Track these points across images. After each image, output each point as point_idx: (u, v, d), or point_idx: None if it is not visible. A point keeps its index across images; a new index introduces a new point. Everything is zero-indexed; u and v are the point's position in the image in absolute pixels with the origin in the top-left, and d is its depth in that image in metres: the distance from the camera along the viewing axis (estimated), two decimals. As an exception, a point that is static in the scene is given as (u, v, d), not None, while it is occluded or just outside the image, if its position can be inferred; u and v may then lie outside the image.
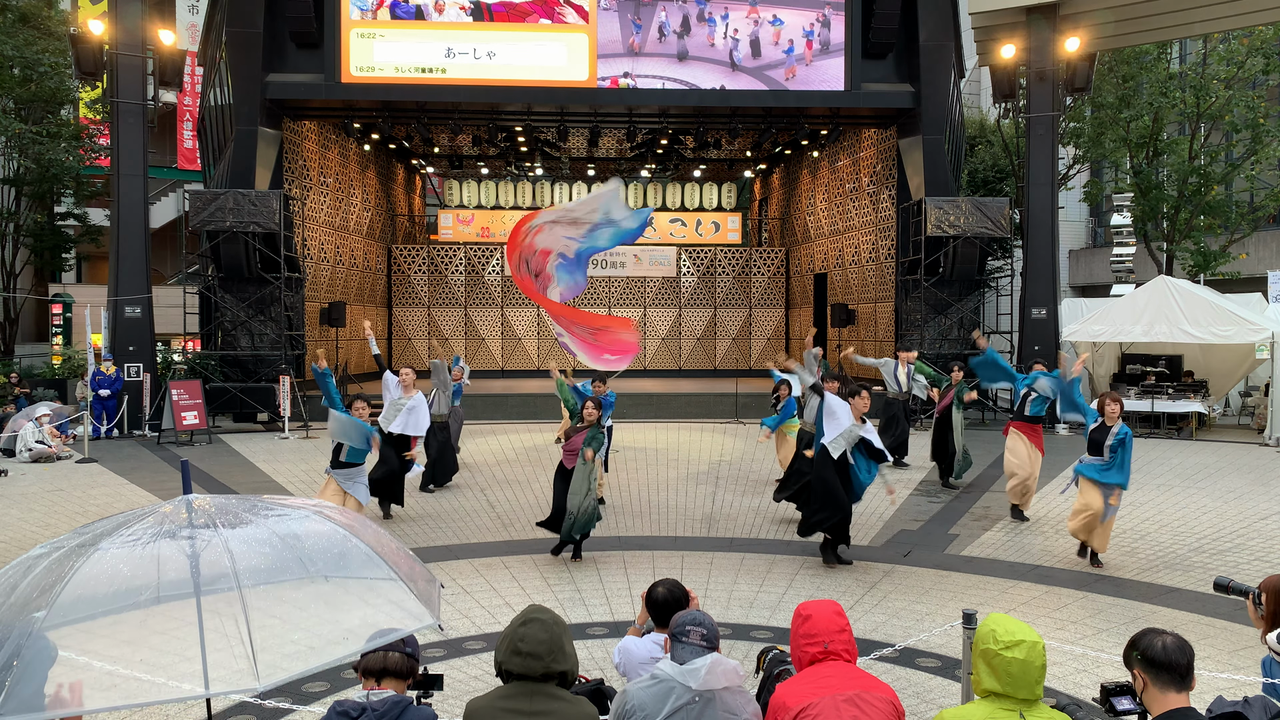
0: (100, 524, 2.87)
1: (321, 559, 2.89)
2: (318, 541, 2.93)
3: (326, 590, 2.89)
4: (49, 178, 24.97)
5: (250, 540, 2.75)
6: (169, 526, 2.77)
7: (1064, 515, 10.42)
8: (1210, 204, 24.54)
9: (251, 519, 2.87)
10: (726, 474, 13.15)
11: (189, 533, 2.74)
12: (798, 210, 27.04)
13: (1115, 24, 18.29)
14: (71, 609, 2.50)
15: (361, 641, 2.82)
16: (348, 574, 2.94)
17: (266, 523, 2.88)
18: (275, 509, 3.02)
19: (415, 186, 30.15)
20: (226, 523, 2.80)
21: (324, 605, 2.86)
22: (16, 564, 2.75)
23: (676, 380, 24.51)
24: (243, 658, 2.53)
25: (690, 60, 19.43)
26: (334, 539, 2.96)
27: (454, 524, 10.20)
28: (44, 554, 2.74)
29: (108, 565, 2.60)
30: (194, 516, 2.82)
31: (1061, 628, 6.77)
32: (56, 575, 2.57)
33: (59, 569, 2.60)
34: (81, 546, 2.68)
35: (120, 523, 2.82)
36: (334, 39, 18.80)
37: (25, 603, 2.54)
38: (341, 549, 2.94)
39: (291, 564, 2.79)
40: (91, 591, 2.55)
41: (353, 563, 2.94)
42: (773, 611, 7.16)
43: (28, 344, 26.88)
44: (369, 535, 3.07)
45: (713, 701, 2.91)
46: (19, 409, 16.16)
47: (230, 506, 2.94)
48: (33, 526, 9.95)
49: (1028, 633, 2.70)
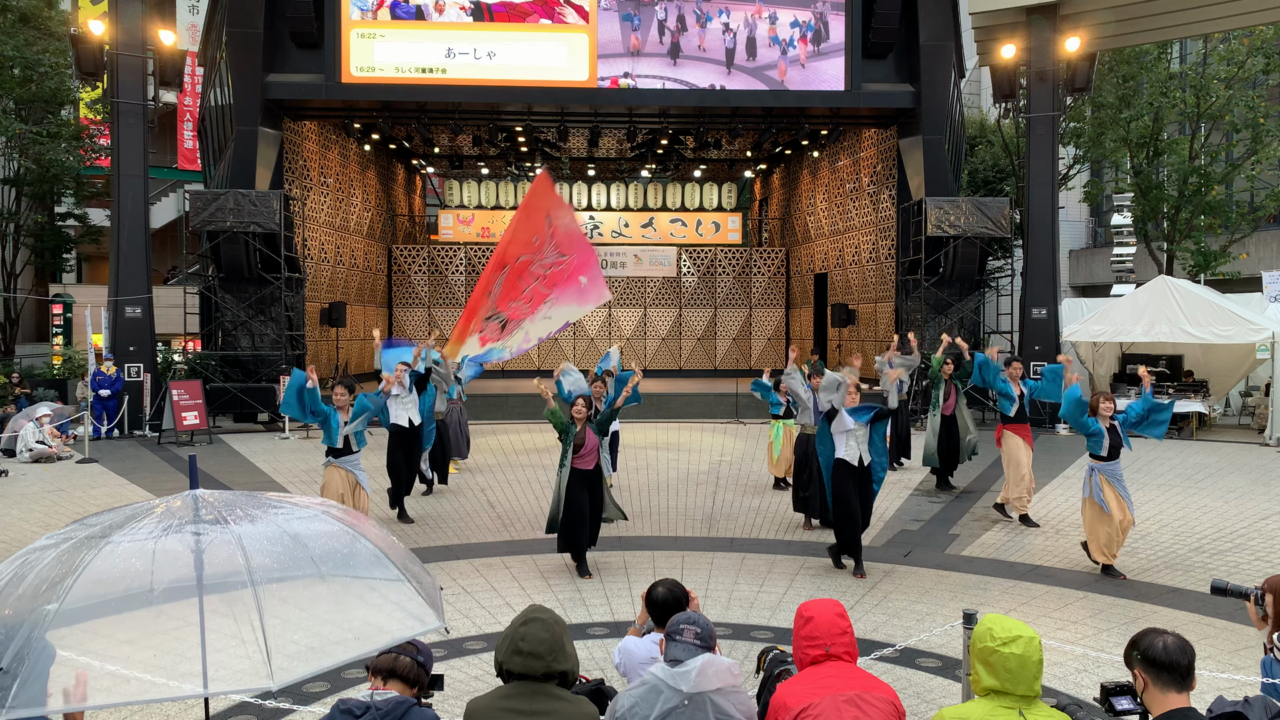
0: (107, 515, 2.85)
1: (331, 559, 2.89)
2: (327, 541, 2.93)
3: (336, 590, 2.88)
4: (49, 178, 24.98)
5: (262, 538, 2.75)
6: (178, 521, 2.76)
7: (1064, 515, 10.43)
8: (1210, 204, 24.54)
9: (261, 516, 2.86)
10: (727, 474, 13.15)
11: (199, 528, 2.73)
12: (798, 210, 27.05)
13: (1115, 24, 18.28)
14: (83, 601, 2.49)
15: (370, 644, 2.82)
16: (356, 574, 2.94)
17: (276, 520, 2.88)
18: (283, 506, 3.02)
19: (415, 186, 30.16)
20: (237, 519, 2.79)
21: (333, 605, 2.86)
22: (21, 555, 2.73)
23: (677, 380, 24.50)
24: (258, 657, 2.53)
25: (690, 60, 19.42)
26: (342, 539, 2.96)
27: (454, 524, 10.20)
28: (51, 545, 2.72)
29: (119, 559, 2.59)
30: (203, 512, 2.82)
31: (1062, 628, 6.77)
32: (67, 567, 2.55)
33: (69, 561, 2.58)
34: (91, 539, 2.66)
35: (129, 515, 2.80)
36: (334, 39, 18.81)
37: (34, 594, 2.52)
38: (350, 549, 2.94)
39: (303, 563, 2.79)
40: (102, 585, 2.54)
41: (361, 563, 2.94)
42: (773, 612, 7.16)
43: (28, 344, 26.88)
44: (375, 535, 3.07)
45: (704, 705, 2.89)
46: (19, 409, 16.16)
47: (239, 503, 2.93)
48: (33, 526, 9.96)
49: (1024, 629, 2.73)
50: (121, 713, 5.36)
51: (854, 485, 8.13)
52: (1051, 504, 11.07)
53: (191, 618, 2.57)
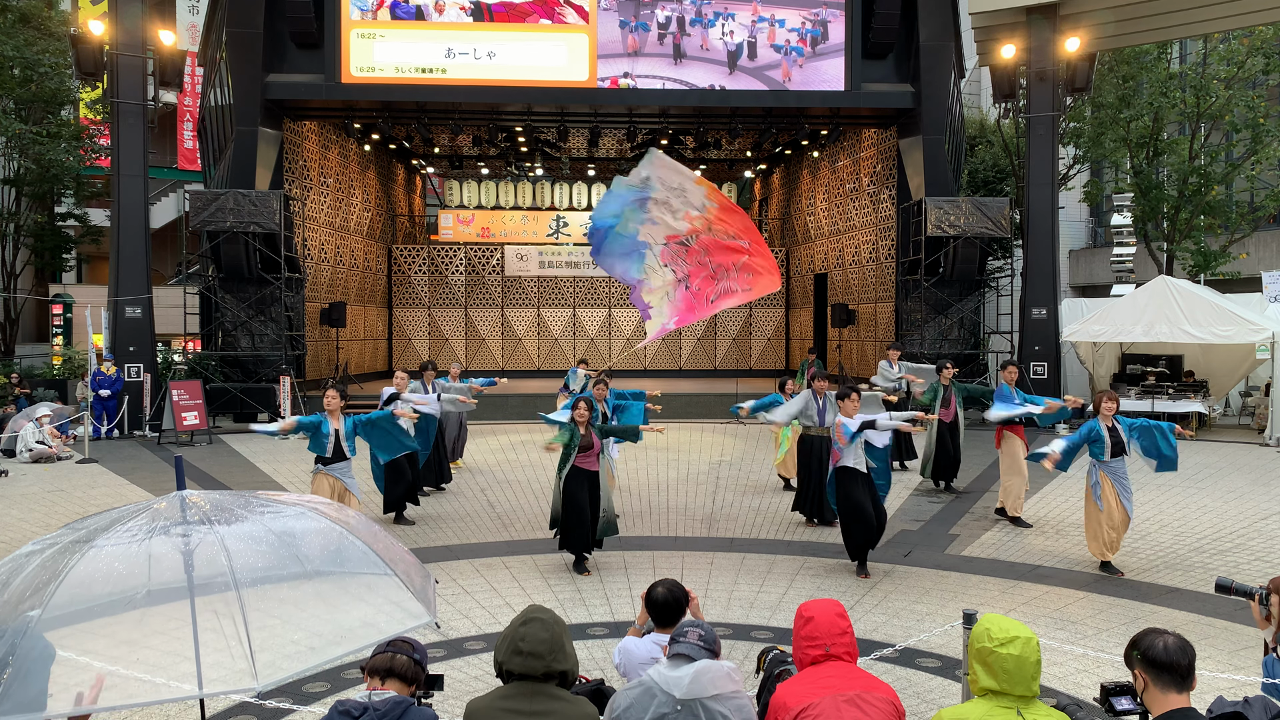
0: (94, 519, 2.83)
1: (318, 556, 2.86)
2: (314, 539, 2.91)
3: (324, 588, 2.87)
4: (49, 178, 24.97)
5: (246, 537, 2.72)
6: (164, 523, 2.73)
7: (1064, 515, 10.43)
8: (1210, 204, 24.54)
9: (247, 515, 2.83)
10: (727, 474, 13.15)
11: (185, 529, 2.70)
12: (798, 210, 27.04)
13: (1115, 24, 18.29)
14: (67, 607, 2.47)
15: (360, 641, 2.80)
16: (345, 571, 2.92)
17: (262, 519, 2.85)
18: (270, 505, 2.99)
19: (415, 187, 30.15)
20: (222, 519, 2.76)
21: (322, 604, 2.84)
22: (8, 560, 2.71)
23: (677, 380, 24.51)
24: (241, 657, 2.51)
25: (690, 61, 19.43)
26: (330, 536, 2.93)
27: (454, 524, 10.20)
28: (37, 550, 2.70)
29: (103, 563, 2.57)
30: (189, 513, 2.79)
31: (1062, 628, 6.77)
32: (51, 573, 2.53)
33: (53, 566, 2.56)
34: (76, 543, 2.64)
35: (115, 519, 2.78)
36: (334, 39, 18.81)
37: (19, 600, 2.50)
38: (338, 546, 2.92)
39: (288, 561, 2.76)
40: (86, 589, 2.52)
41: (349, 560, 2.92)
42: (773, 612, 7.16)
43: (28, 344, 26.88)
44: (364, 532, 3.05)
45: (696, 711, 2.88)
46: (19, 409, 16.15)
47: (225, 503, 2.91)
48: (33, 527, 9.95)
49: (1022, 630, 2.73)
50: (121, 712, 5.36)
51: (862, 487, 8.11)
52: (1051, 504, 11.07)
53: (177, 620, 2.54)
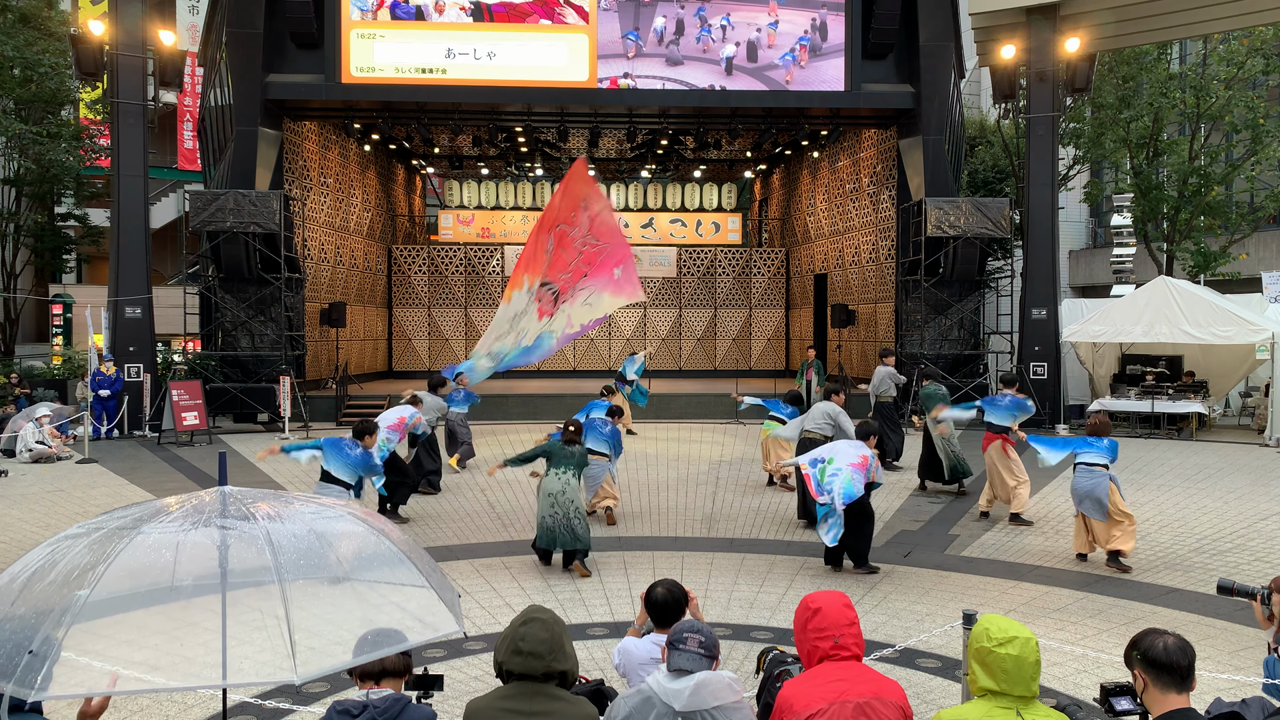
0: (136, 508, 2.91)
1: (356, 559, 2.94)
2: (352, 542, 2.98)
3: (361, 589, 2.94)
4: (49, 178, 24.98)
5: (290, 535, 2.79)
6: (207, 515, 2.81)
7: (1064, 516, 10.43)
8: (1210, 204, 24.54)
9: (288, 514, 2.91)
10: (726, 474, 13.15)
11: (228, 523, 2.78)
12: (798, 211, 27.04)
13: (1115, 24, 18.28)
14: (115, 589, 2.55)
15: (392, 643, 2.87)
16: (379, 575, 2.99)
17: (304, 518, 2.91)
18: (310, 505, 3.06)
19: (415, 187, 30.15)
20: (265, 516, 2.83)
21: (358, 603, 2.91)
22: (51, 542, 2.78)
23: (676, 381, 24.50)
24: (282, 650, 2.58)
25: (689, 61, 19.42)
26: (367, 540, 3.00)
27: (454, 524, 10.21)
28: (82, 534, 2.78)
29: (149, 550, 2.65)
30: (231, 507, 2.85)
31: (1061, 628, 6.77)
32: (98, 555, 2.61)
33: (101, 549, 2.64)
34: (122, 529, 2.72)
35: (158, 509, 2.86)
36: (334, 39, 18.81)
37: (65, 581, 2.57)
38: (375, 550, 2.99)
39: (329, 562, 2.84)
40: (134, 574, 2.60)
41: (385, 565, 2.98)
42: (773, 612, 7.16)
43: (28, 344, 26.90)
44: (397, 537, 3.10)
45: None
46: (19, 409, 16.14)
47: (266, 499, 2.98)
48: (33, 527, 9.95)
49: (1021, 630, 2.72)
50: (121, 712, 5.37)
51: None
52: (1051, 504, 11.08)
53: (218, 611, 2.63)
